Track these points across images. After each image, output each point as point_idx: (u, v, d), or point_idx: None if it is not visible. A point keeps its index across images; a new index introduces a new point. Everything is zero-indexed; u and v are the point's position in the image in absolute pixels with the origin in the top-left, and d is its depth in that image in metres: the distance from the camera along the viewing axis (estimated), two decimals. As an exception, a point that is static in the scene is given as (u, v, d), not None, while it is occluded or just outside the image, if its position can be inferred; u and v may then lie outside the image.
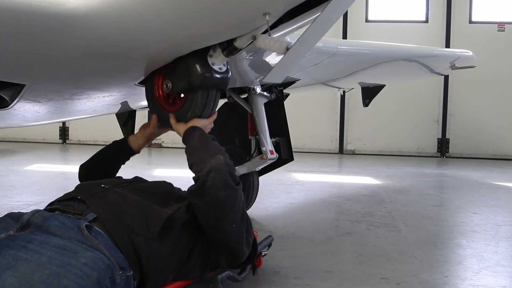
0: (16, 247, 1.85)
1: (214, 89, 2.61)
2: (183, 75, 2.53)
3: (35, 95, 2.80)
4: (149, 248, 2.11)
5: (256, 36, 2.36)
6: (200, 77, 2.48)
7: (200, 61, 2.47)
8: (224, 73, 2.57)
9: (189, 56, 2.49)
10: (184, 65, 2.51)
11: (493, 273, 3.04)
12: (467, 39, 9.45)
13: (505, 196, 5.78)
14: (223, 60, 2.51)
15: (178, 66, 2.55)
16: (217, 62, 2.51)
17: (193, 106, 2.60)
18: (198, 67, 2.47)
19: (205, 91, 2.58)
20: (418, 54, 5.14)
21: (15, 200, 4.74)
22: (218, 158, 2.31)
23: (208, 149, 2.41)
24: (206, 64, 2.48)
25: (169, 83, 2.61)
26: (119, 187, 2.38)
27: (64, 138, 10.75)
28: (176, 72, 2.56)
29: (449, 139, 9.87)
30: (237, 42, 2.42)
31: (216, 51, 2.48)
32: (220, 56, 2.49)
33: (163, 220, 2.16)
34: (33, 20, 1.99)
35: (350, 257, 3.29)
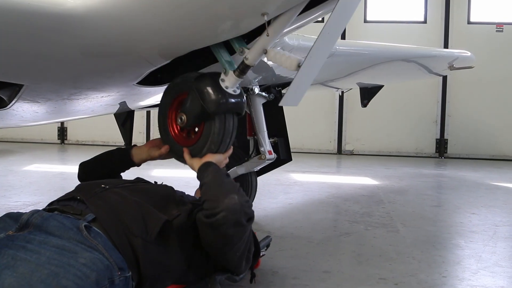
0: (15, 247, 1.85)
1: (230, 115, 2.50)
2: (197, 104, 2.43)
3: (33, 95, 2.80)
4: (147, 250, 2.10)
5: (268, 50, 2.32)
6: (215, 102, 2.39)
7: (213, 86, 2.40)
8: (239, 96, 2.48)
9: (201, 83, 2.41)
10: (197, 94, 2.42)
11: (491, 274, 3.04)
12: (465, 39, 9.47)
13: (503, 197, 5.79)
14: (236, 81, 2.43)
15: (191, 96, 2.46)
16: (230, 85, 2.43)
17: (209, 142, 2.50)
18: (212, 93, 2.38)
19: (222, 119, 2.47)
20: (416, 54, 5.14)
21: (13, 200, 4.74)
22: (232, 198, 2.22)
23: (222, 188, 2.31)
24: (219, 88, 2.40)
25: (183, 115, 2.51)
26: (119, 187, 2.37)
27: (62, 138, 10.75)
28: (190, 102, 2.47)
29: (448, 139, 9.88)
30: (248, 60, 2.37)
31: (228, 74, 2.41)
32: (232, 78, 2.42)
33: (160, 224, 2.15)
34: (32, 20, 1.99)
35: (348, 258, 3.29)
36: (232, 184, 2.36)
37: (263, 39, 2.31)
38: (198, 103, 2.42)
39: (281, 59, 2.29)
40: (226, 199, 2.21)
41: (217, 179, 2.37)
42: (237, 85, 2.46)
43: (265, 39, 2.30)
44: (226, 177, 2.41)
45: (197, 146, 2.54)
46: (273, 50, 2.32)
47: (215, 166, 2.47)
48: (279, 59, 2.29)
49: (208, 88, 2.40)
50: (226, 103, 2.41)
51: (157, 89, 2.96)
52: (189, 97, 2.48)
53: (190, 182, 2.65)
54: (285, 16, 2.23)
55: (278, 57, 2.30)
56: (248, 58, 2.37)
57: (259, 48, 2.35)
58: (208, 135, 2.50)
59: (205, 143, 2.51)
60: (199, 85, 2.42)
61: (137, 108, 4.26)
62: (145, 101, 3.66)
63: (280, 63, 2.30)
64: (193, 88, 2.43)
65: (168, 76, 2.75)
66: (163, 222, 2.16)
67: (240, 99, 2.49)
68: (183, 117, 2.51)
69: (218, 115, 2.45)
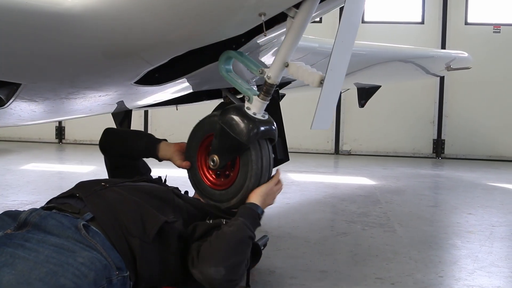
0: (14, 246, 1.86)
1: (264, 142, 2.39)
2: (227, 139, 2.31)
3: (31, 94, 2.80)
4: (144, 251, 2.09)
5: (289, 63, 2.23)
6: (247, 129, 2.27)
7: (240, 115, 2.30)
8: (269, 121, 2.38)
9: (227, 116, 2.32)
10: (225, 128, 2.31)
11: (488, 274, 3.05)
12: (462, 40, 9.48)
13: (500, 197, 5.80)
14: (262, 105, 2.34)
15: (219, 133, 2.34)
16: (257, 111, 2.32)
17: (248, 175, 2.35)
18: (241, 121, 2.28)
19: (257, 148, 2.34)
20: (414, 55, 5.16)
21: (10, 200, 4.73)
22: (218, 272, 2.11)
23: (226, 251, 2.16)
24: (247, 115, 2.29)
25: (214, 157, 2.38)
26: (119, 186, 2.36)
27: (60, 138, 10.74)
28: (219, 140, 2.36)
29: (445, 140, 9.89)
30: (271, 79, 2.27)
31: (252, 100, 2.32)
32: (258, 103, 2.32)
33: (159, 224, 2.14)
34: (30, 19, 1.99)
35: (345, 257, 3.30)
36: (239, 254, 2.19)
37: (282, 52, 2.23)
38: (228, 137, 2.30)
39: (304, 74, 2.19)
40: (212, 267, 2.11)
41: (233, 237, 2.20)
42: (264, 109, 2.36)
43: (284, 52, 2.22)
44: (244, 241, 2.22)
45: (238, 183, 2.40)
46: (294, 64, 2.22)
47: (246, 221, 2.27)
48: (301, 74, 2.20)
49: (236, 118, 2.29)
50: (258, 129, 2.30)
51: (155, 89, 2.96)
52: (217, 135, 2.36)
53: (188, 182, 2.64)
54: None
55: (301, 72, 2.20)
56: (270, 76, 2.27)
57: (279, 62, 2.25)
58: (246, 168, 2.36)
59: (245, 178, 2.37)
60: (225, 118, 2.31)
61: (134, 108, 4.27)
62: (142, 101, 3.66)
63: (302, 78, 2.20)
64: (220, 125, 2.32)
65: (165, 76, 2.75)
66: (162, 223, 2.16)
67: (271, 124, 2.38)
68: (215, 158, 2.37)
69: (252, 144, 2.32)
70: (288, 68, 2.24)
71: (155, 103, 3.91)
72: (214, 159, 2.38)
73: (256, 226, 2.33)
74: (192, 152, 2.52)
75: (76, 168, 7.27)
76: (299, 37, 2.24)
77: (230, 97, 3.95)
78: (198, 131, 2.51)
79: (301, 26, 2.19)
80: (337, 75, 2.20)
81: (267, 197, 2.43)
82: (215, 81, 3.33)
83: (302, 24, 2.19)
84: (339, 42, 2.17)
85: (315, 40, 3.62)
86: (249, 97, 2.34)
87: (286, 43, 2.23)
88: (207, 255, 2.15)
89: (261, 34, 2.33)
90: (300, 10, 2.15)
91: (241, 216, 2.29)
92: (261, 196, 2.40)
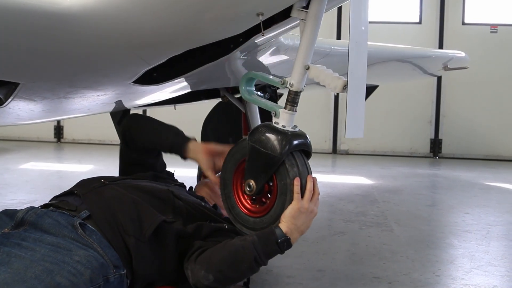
0: (11, 245, 1.86)
1: (299, 155, 2.23)
2: (260, 158, 2.16)
3: (29, 94, 2.80)
4: (139, 250, 2.07)
5: (310, 66, 2.15)
6: (279, 141, 2.13)
7: (269, 129, 2.17)
8: (301, 133, 2.24)
9: (256, 135, 2.19)
10: (256, 146, 2.17)
11: (484, 273, 3.07)
12: (460, 40, 9.49)
13: (496, 197, 5.83)
14: (291, 116, 2.21)
15: (251, 154, 2.20)
16: (287, 124, 2.19)
17: (288, 193, 2.14)
18: (272, 134, 2.15)
19: (292, 161, 2.18)
20: (411, 55, 5.16)
21: (9, 199, 4.74)
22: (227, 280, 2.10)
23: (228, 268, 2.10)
24: (276, 128, 2.17)
25: (250, 182, 2.20)
26: (118, 183, 2.32)
27: (58, 137, 10.73)
28: (252, 161, 2.20)
29: (442, 139, 9.91)
30: (294, 86, 2.18)
31: (279, 114, 2.20)
32: (285, 115, 2.20)
33: (156, 223, 2.11)
34: (28, 19, 1.99)
35: (342, 256, 3.31)
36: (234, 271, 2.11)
37: (300, 55, 2.16)
38: (260, 155, 2.16)
39: (326, 79, 2.12)
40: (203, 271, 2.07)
41: (236, 252, 2.10)
42: (293, 121, 2.23)
43: (302, 55, 2.15)
44: (244, 261, 2.09)
45: (278, 204, 2.17)
46: (316, 67, 2.14)
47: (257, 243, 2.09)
48: (324, 78, 2.12)
49: (266, 134, 2.16)
50: (289, 140, 2.15)
51: (153, 88, 2.97)
52: (249, 158, 2.22)
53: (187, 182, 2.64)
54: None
55: (323, 76, 2.12)
56: (292, 84, 2.18)
57: (299, 67, 2.17)
58: (284, 186, 2.15)
59: (285, 197, 2.15)
60: (255, 137, 2.19)
61: (133, 107, 4.27)
62: (141, 100, 3.67)
63: (324, 83, 2.12)
64: (250, 145, 2.20)
65: (163, 75, 2.75)
66: (160, 222, 2.13)
67: (303, 135, 2.24)
68: (251, 183, 2.19)
69: (287, 158, 2.16)
70: (309, 71, 2.16)
71: (154, 103, 3.92)
72: (250, 184, 2.20)
73: (268, 251, 2.10)
74: (228, 175, 2.35)
75: (75, 167, 7.27)
76: (315, 38, 2.18)
77: (228, 96, 3.96)
78: (235, 153, 2.34)
79: (315, 26, 2.15)
80: (358, 78, 2.14)
81: (296, 219, 2.12)
82: (213, 80, 3.34)
83: (315, 24, 2.14)
84: (353, 43, 2.13)
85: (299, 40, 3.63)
86: (275, 111, 2.22)
87: (302, 45, 2.17)
88: (205, 258, 2.12)
89: (259, 34, 2.34)
90: (310, 10, 2.13)
91: (257, 235, 2.12)
92: (288, 218, 2.11)
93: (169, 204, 2.31)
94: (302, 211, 2.11)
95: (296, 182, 2.12)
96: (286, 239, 2.10)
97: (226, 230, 2.32)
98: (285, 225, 2.09)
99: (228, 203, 2.33)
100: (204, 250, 2.16)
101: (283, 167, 2.15)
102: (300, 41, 2.18)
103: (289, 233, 2.10)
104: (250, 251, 2.06)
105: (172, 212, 2.27)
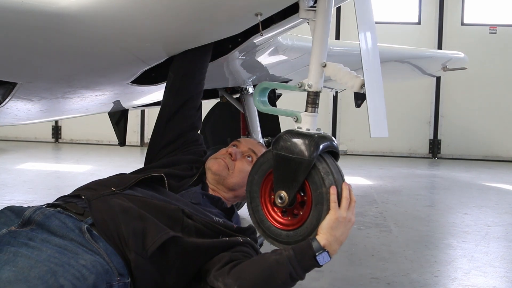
0: (18, 244, 1.85)
1: (329, 157, 2.08)
2: (289, 164, 2.03)
3: (27, 94, 2.80)
4: (138, 265, 2.01)
5: (327, 64, 2.08)
6: (306, 145, 2.01)
7: (293, 134, 2.06)
8: (326, 135, 2.10)
9: (280, 142, 2.07)
10: (283, 154, 2.04)
11: (483, 273, 3.06)
12: (459, 41, 9.50)
13: (495, 197, 5.82)
14: (313, 118, 2.11)
15: (278, 164, 2.07)
16: (310, 126, 2.09)
17: (324, 199, 1.99)
18: (297, 138, 2.04)
19: (324, 164, 2.03)
20: (410, 55, 5.16)
21: (7, 199, 4.73)
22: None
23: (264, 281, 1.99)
24: (299, 132, 2.07)
25: (281, 193, 2.05)
26: (128, 196, 2.20)
27: (56, 137, 10.72)
28: (280, 170, 2.07)
29: (441, 140, 9.91)
30: (313, 87, 2.09)
31: (300, 118, 2.10)
32: (308, 117, 2.10)
33: (162, 240, 2.02)
34: (25, 19, 1.99)
35: (341, 257, 3.30)
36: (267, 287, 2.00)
37: (315, 54, 2.10)
38: (289, 161, 2.04)
39: (344, 77, 2.05)
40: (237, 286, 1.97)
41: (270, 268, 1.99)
42: (316, 123, 2.13)
43: (317, 54, 2.09)
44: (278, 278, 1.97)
45: (314, 215, 2.02)
46: (333, 64, 2.08)
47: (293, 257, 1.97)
48: (342, 76, 2.05)
49: (291, 139, 2.05)
50: (316, 141, 2.02)
51: (151, 88, 2.97)
52: (276, 168, 2.08)
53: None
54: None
55: (341, 74, 2.06)
56: (311, 84, 2.10)
57: (316, 66, 2.10)
58: (320, 196, 2.01)
59: (321, 207, 2.00)
60: (280, 145, 2.07)
61: (131, 107, 4.27)
62: (139, 100, 3.66)
63: (341, 81, 2.06)
64: (275, 153, 2.07)
65: (161, 75, 2.75)
66: (166, 239, 2.02)
67: (329, 136, 2.10)
68: (282, 194, 2.05)
69: (320, 165, 2.02)
70: (326, 69, 2.09)
71: (152, 103, 3.91)
72: (281, 195, 2.05)
73: (305, 266, 1.98)
74: (254, 188, 2.20)
75: (73, 168, 7.26)
76: (327, 34, 2.13)
77: (227, 96, 3.96)
78: (261, 164, 2.19)
79: (325, 22, 2.10)
80: (374, 76, 2.09)
81: (335, 230, 1.99)
82: (211, 80, 3.33)
83: (325, 20, 2.09)
84: (363, 41, 2.10)
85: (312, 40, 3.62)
86: (296, 117, 2.12)
87: (316, 43, 2.12)
88: (238, 273, 2.02)
89: (258, 34, 2.33)
90: (319, 6, 2.09)
91: (293, 249, 1.99)
92: (326, 229, 1.98)
93: (178, 222, 2.19)
94: (340, 220, 1.99)
95: (332, 191, 1.97)
96: (325, 252, 1.98)
97: (240, 244, 2.25)
98: (323, 237, 1.97)
99: (256, 217, 2.18)
100: (237, 263, 2.08)
101: (318, 175, 2.01)
102: (313, 39, 2.11)
103: (327, 245, 1.98)
104: (285, 266, 1.96)
105: (181, 231, 2.15)
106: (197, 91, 2.66)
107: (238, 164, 2.51)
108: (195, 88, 2.64)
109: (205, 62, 2.62)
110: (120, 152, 8.56)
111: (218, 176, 2.49)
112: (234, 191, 2.52)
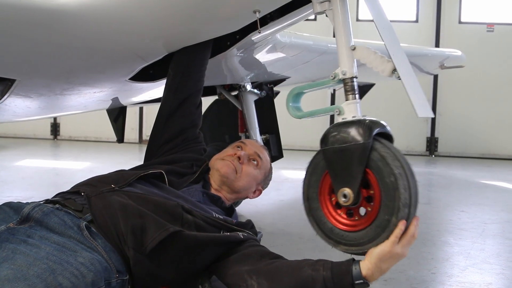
0: (17, 241, 1.85)
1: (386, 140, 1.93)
2: (346, 155, 1.89)
3: (26, 90, 2.80)
4: (137, 262, 2.02)
5: (356, 47, 2.01)
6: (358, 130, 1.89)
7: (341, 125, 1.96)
8: (375, 119, 1.98)
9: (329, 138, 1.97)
10: (337, 147, 1.92)
11: (480, 270, 3.08)
12: (456, 39, 9.51)
13: (492, 195, 5.84)
14: (356, 104, 2.05)
15: (334, 158, 1.93)
16: (355, 113, 2.01)
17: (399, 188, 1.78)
18: (348, 129, 1.92)
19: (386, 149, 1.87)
20: (407, 53, 5.08)
21: (5, 195, 4.73)
22: None
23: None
24: (348, 121, 1.97)
25: (344, 190, 1.88)
26: (128, 192, 2.19)
27: (55, 134, 10.72)
28: (339, 167, 1.92)
29: (438, 138, 9.93)
30: (347, 73, 2.02)
31: (343, 110, 2.02)
32: (350, 106, 2.02)
33: (162, 237, 2.01)
34: (24, 15, 1.99)
35: (338, 254, 3.30)
36: None
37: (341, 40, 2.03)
38: (345, 152, 1.89)
39: (375, 61, 1.98)
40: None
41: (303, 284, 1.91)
42: (359, 109, 2.04)
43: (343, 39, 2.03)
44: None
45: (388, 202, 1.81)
46: (362, 47, 2.02)
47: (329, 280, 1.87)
48: (372, 60, 1.99)
49: (341, 130, 1.94)
50: (368, 124, 1.91)
51: (149, 85, 2.97)
52: (331, 164, 1.95)
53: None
54: None
55: (371, 58, 1.99)
56: (345, 71, 2.02)
57: (345, 50, 2.03)
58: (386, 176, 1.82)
59: (395, 188, 1.79)
60: (330, 140, 1.95)
61: (129, 104, 4.27)
62: (137, 97, 3.67)
63: (371, 65, 2.00)
64: (327, 149, 1.96)
65: (160, 72, 2.75)
66: (166, 236, 2.01)
67: (378, 120, 1.97)
68: (346, 191, 1.87)
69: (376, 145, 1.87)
70: (355, 52, 2.01)
71: (150, 100, 3.92)
72: (344, 193, 1.88)
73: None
74: (313, 189, 2.04)
75: (71, 165, 7.26)
76: (348, 19, 2.08)
77: (225, 94, 3.97)
78: (318, 163, 2.06)
79: (343, 8, 2.06)
80: (403, 60, 2.05)
81: (383, 262, 1.84)
82: (210, 78, 3.34)
83: (343, 6, 2.05)
84: (382, 29, 2.12)
85: (310, 37, 3.63)
86: (339, 110, 2.03)
87: (339, 30, 2.05)
88: (273, 275, 1.99)
89: (256, 31, 2.34)
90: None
91: (331, 271, 1.89)
92: (374, 258, 1.83)
93: (178, 218, 2.17)
94: (393, 256, 1.84)
95: (401, 226, 1.79)
96: (364, 283, 1.85)
97: (241, 240, 2.24)
98: (368, 266, 1.85)
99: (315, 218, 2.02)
100: (271, 262, 2.04)
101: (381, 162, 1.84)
102: (335, 27, 2.06)
103: (369, 276, 1.84)
104: (319, 286, 1.88)
105: (181, 227, 2.13)
106: (197, 88, 2.67)
107: (245, 168, 2.52)
108: (195, 85, 2.65)
109: (205, 59, 2.62)
110: (118, 149, 8.55)
111: (226, 179, 2.49)
112: (238, 194, 2.54)
